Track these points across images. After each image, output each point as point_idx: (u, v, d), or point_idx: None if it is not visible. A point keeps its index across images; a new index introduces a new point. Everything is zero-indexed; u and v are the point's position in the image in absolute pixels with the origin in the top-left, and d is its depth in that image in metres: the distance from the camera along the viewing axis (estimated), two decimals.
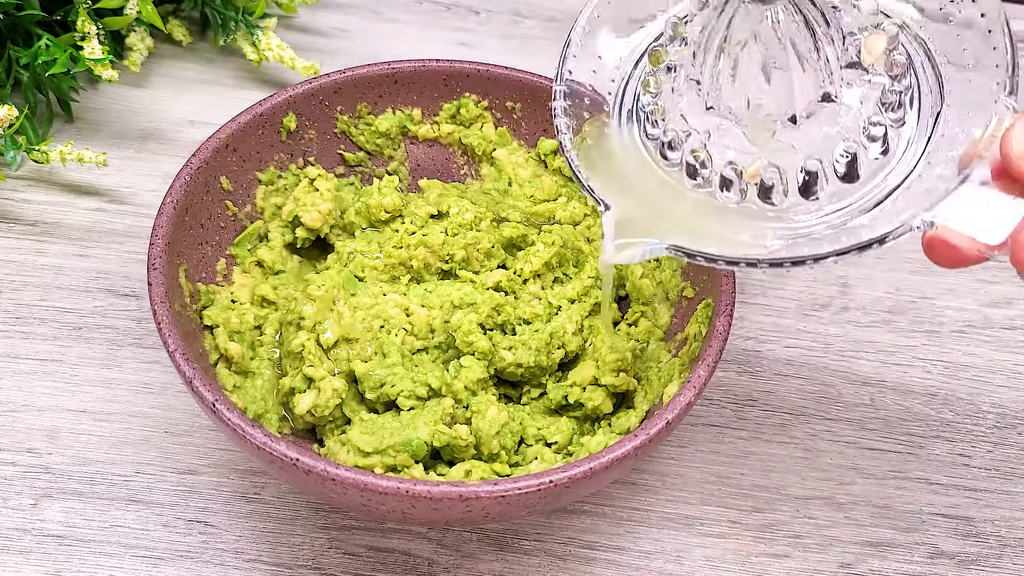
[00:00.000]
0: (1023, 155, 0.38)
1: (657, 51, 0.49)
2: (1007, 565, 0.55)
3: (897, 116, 0.45)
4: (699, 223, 0.47)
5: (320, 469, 0.44)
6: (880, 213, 0.43)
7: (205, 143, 0.55)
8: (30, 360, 0.59)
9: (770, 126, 0.46)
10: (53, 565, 0.52)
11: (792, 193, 0.45)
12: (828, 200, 0.45)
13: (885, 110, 0.45)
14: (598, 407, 0.53)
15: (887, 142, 0.44)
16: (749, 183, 0.46)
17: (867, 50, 0.45)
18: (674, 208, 0.48)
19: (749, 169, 0.46)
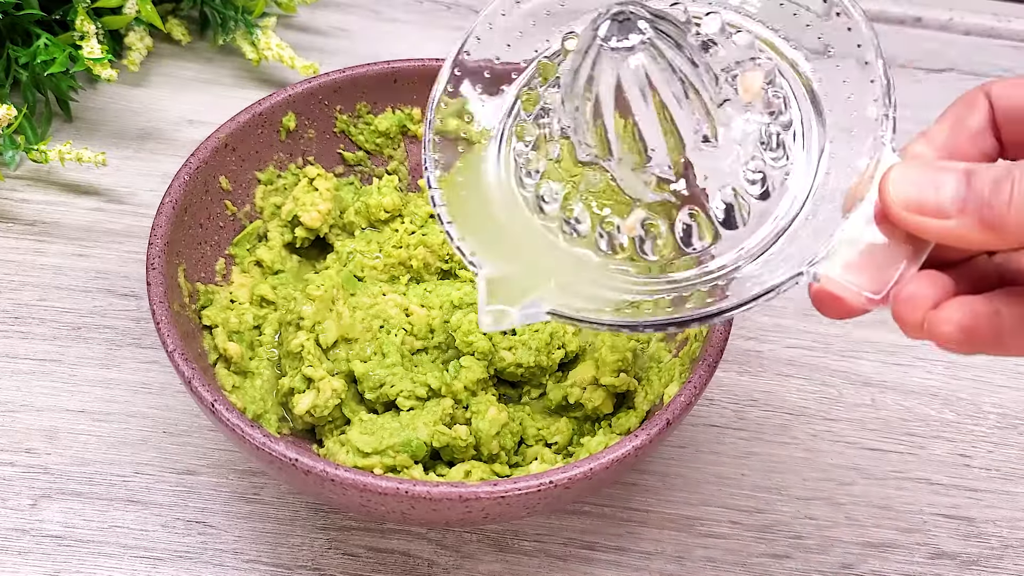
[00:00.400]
0: (902, 203, 0.37)
1: (531, 93, 0.46)
2: (1008, 566, 0.54)
3: (778, 155, 0.42)
4: (578, 282, 0.44)
5: (319, 469, 0.44)
6: (767, 260, 0.41)
7: (204, 143, 0.55)
8: (29, 360, 0.59)
9: (647, 176, 0.43)
10: (52, 566, 0.52)
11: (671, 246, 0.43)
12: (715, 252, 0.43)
13: (765, 149, 0.42)
14: (598, 407, 0.53)
15: (767, 184, 0.42)
16: (627, 236, 0.43)
17: (744, 87, 0.42)
18: (552, 266, 0.44)
19: (626, 223, 0.43)
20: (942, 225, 0.36)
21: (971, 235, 0.36)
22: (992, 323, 0.36)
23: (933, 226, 0.36)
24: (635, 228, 0.43)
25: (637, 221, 0.43)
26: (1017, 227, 0.34)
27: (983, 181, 0.35)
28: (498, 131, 0.47)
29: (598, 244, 0.44)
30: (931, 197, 0.36)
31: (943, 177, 0.36)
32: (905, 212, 0.37)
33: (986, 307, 0.36)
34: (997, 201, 0.35)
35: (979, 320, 0.36)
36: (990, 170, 0.35)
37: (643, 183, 0.43)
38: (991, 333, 0.36)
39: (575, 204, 0.44)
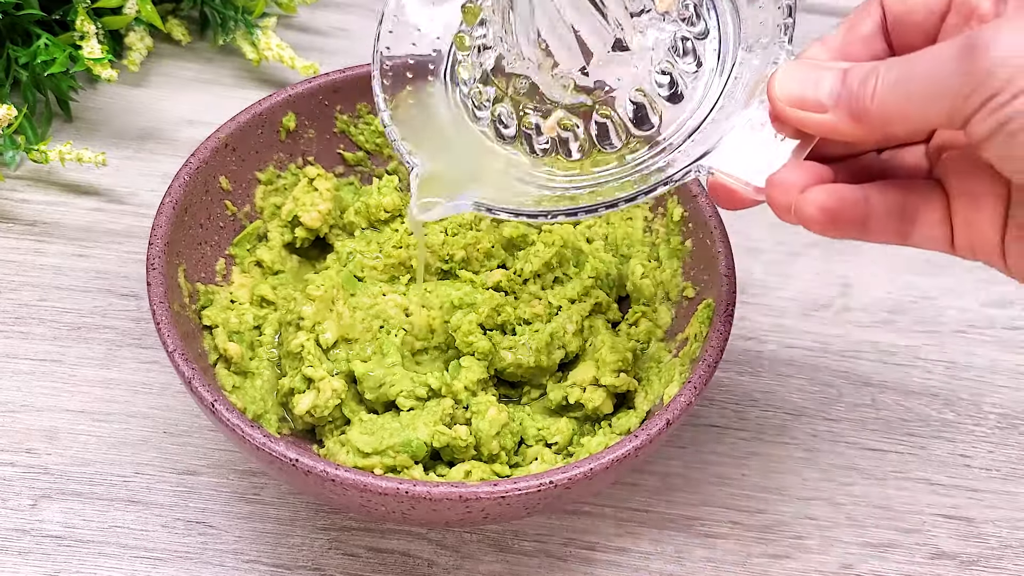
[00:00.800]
0: (786, 98, 0.40)
1: (469, 7, 0.49)
2: (1008, 566, 0.54)
3: (688, 61, 0.45)
4: (506, 180, 0.47)
5: (319, 470, 0.44)
6: (674, 157, 0.44)
7: (204, 143, 0.55)
8: (29, 360, 0.59)
9: (564, 80, 0.46)
10: (52, 566, 0.52)
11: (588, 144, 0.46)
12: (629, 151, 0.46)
13: (679, 55, 0.45)
14: (598, 408, 0.53)
15: (676, 87, 0.45)
16: (548, 136, 0.47)
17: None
18: (485, 167, 0.48)
19: (547, 123, 0.47)
20: (820, 119, 0.39)
21: (844, 127, 0.39)
22: (858, 207, 0.40)
23: (812, 120, 0.40)
24: (554, 128, 0.47)
25: (555, 121, 0.46)
26: (879, 118, 0.38)
27: (854, 77, 0.38)
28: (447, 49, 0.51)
29: (526, 146, 0.47)
30: (811, 93, 0.39)
31: (823, 74, 0.39)
32: (788, 107, 0.40)
33: (854, 193, 0.40)
34: (863, 94, 0.38)
35: (844, 204, 0.39)
36: (862, 67, 0.38)
37: (561, 87, 0.46)
38: (856, 217, 0.40)
39: (502, 107, 0.47)
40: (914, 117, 0.37)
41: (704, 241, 0.54)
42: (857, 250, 0.67)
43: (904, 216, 0.41)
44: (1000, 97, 0.34)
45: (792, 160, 0.41)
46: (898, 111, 0.37)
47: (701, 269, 0.54)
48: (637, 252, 0.58)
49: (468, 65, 0.49)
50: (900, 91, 0.37)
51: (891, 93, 0.37)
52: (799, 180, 0.40)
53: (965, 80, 0.35)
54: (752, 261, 0.66)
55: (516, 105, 0.47)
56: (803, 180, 0.40)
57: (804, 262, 0.66)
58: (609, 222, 0.60)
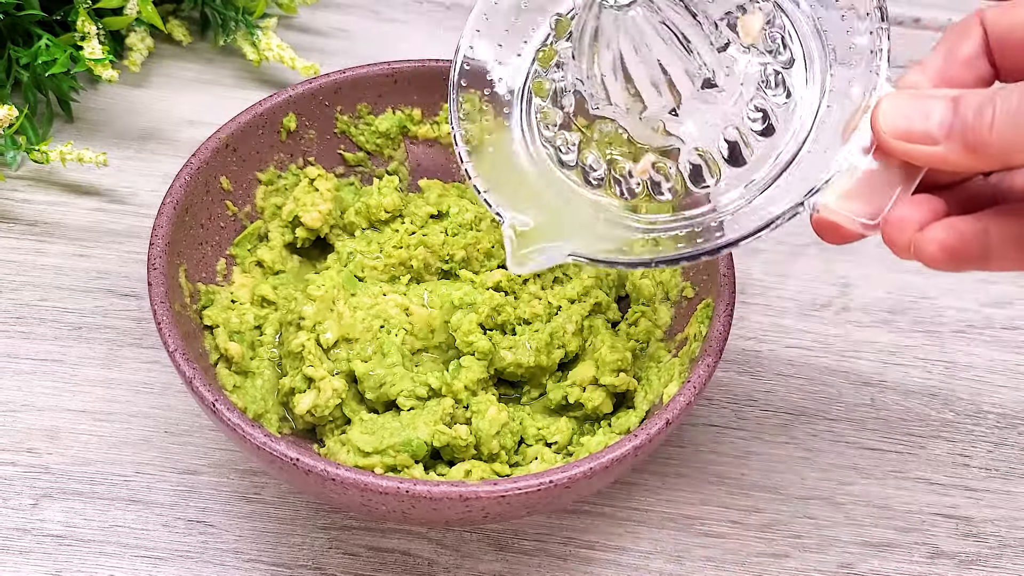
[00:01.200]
0: (892, 131, 0.39)
1: (546, 50, 0.49)
2: (1007, 565, 0.55)
3: (779, 92, 0.44)
4: (597, 226, 0.47)
5: (320, 469, 0.44)
6: (772, 194, 0.44)
7: (205, 143, 0.55)
8: (30, 360, 0.59)
9: (653, 123, 0.45)
10: (53, 565, 0.52)
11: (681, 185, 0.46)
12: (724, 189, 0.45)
13: (766, 87, 0.44)
14: (598, 407, 0.53)
15: (768, 120, 0.44)
16: (640, 179, 0.46)
17: (744, 31, 0.45)
18: (572, 212, 0.48)
19: (638, 167, 0.46)
20: (930, 151, 0.38)
21: (957, 159, 0.37)
22: (979, 241, 0.38)
23: (922, 152, 0.38)
24: (647, 171, 0.46)
25: (648, 164, 0.46)
26: (998, 149, 0.36)
27: (968, 106, 0.37)
28: (519, 92, 0.50)
29: (615, 190, 0.47)
30: (919, 125, 0.38)
31: (931, 104, 0.38)
32: (895, 140, 0.39)
33: (973, 226, 0.38)
34: (979, 125, 0.36)
35: (965, 239, 0.38)
36: (975, 95, 0.37)
37: (650, 129, 0.46)
38: (977, 251, 0.38)
39: (589, 153, 0.47)
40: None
41: None
42: (857, 250, 0.67)
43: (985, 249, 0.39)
44: None
45: (903, 194, 0.39)
46: (1019, 142, 0.35)
47: (701, 269, 0.54)
48: None
49: (548, 110, 0.48)
50: (1020, 122, 0.35)
51: (1010, 124, 0.35)
52: (915, 217, 0.38)
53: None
54: (752, 261, 0.66)
55: (602, 149, 0.47)
56: (919, 216, 0.38)
57: (803, 262, 0.66)
58: None
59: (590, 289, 0.56)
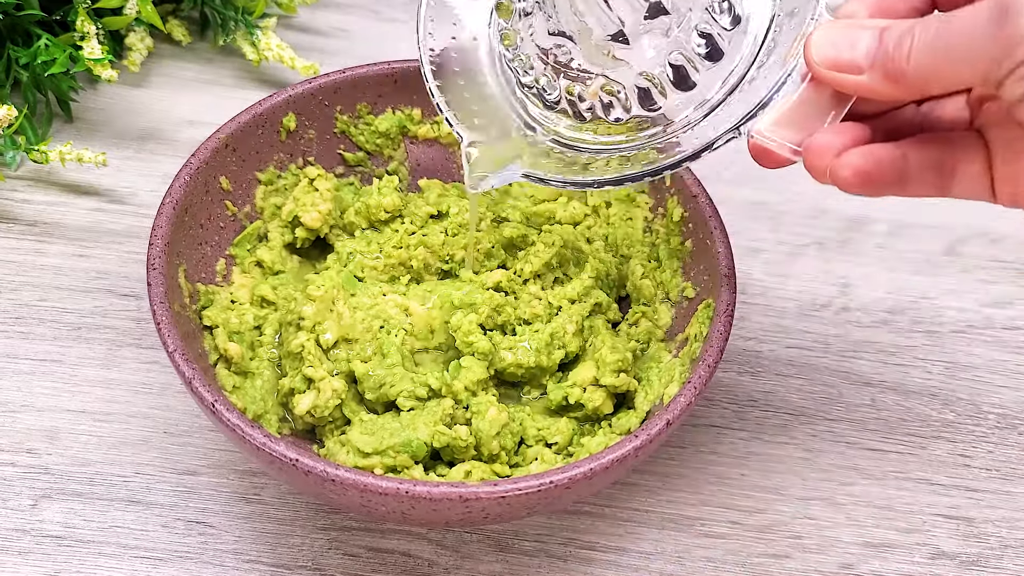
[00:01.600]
0: (822, 60, 0.40)
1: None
2: (1008, 566, 0.54)
3: (726, 19, 0.45)
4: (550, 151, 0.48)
5: (320, 470, 0.44)
6: (718, 116, 0.45)
7: (204, 143, 0.55)
8: (29, 360, 0.59)
9: (604, 46, 0.47)
10: (52, 566, 0.52)
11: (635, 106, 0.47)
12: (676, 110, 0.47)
13: (717, 13, 0.45)
14: (598, 408, 0.53)
15: (714, 44, 0.45)
16: (591, 101, 0.47)
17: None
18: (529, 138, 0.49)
19: (588, 89, 0.47)
20: (856, 80, 0.39)
21: (880, 88, 0.39)
22: (895, 166, 0.40)
23: (849, 81, 0.40)
24: (597, 93, 0.47)
25: (597, 87, 0.47)
26: (915, 78, 0.38)
27: (890, 37, 0.38)
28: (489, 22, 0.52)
29: (570, 110, 0.48)
30: (846, 54, 0.40)
31: (859, 34, 0.39)
32: (824, 69, 0.40)
33: (891, 152, 0.40)
34: (899, 55, 0.38)
35: (880, 165, 0.40)
36: (899, 26, 0.38)
37: (601, 54, 0.47)
38: (894, 175, 0.40)
39: (544, 74, 0.48)
40: (949, 78, 0.37)
41: (704, 241, 0.54)
42: (857, 250, 0.67)
43: (943, 170, 0.41)
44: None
45: (832, 122, 0.41)
46: (933, 72, 0.37)
47: (701, 269, 0.54)
48: (637, 252, 0.58)
49: (511, 32, 0.49)
50: (935, 52, 0.37)
51: (926, 54, 0.37)
52: (836, 143, 0.40)
53: (997, 44, 0.35)
54: (752, 261, 0.66)
55: (557, 71, 0.48)
56: (839, 143, 0.40)
57: (804, 262, 0.66)
58: (609, 222, 0.60)
59: (590, 289, 0.56)
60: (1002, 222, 0.68)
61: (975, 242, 0.67)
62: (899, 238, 0.67)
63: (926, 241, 0.67)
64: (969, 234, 0.68)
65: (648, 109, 0.47)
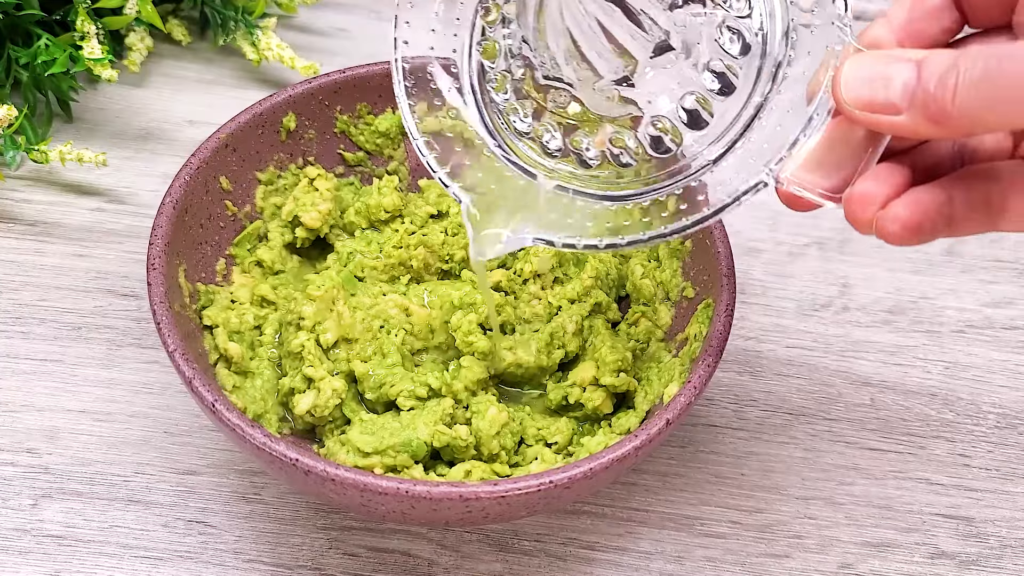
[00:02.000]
0: (855, 101, 0.37)
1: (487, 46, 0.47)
2: (1008, 565, 0.54)
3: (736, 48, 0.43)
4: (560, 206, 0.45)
5: (320, 469, 0.44)
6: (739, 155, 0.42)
7: (204, 143, 0.55)
8: (29, 360, 0.59)
9: (608, 90, 0.44)
10: (52, 566, 0.52)
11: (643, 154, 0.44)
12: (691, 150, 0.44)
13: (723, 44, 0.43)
14: (598, 407, 0.53)
15: (726, 78, 0.43)
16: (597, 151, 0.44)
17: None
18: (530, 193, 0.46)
19: (595, 140, 0.44)
20: (893, 121, 0.36)
21: (922, 130, 0.36)
22: (942, 212, 0.38)
23: (885, 122, 0.37)
24: (604, 143, 0.44)
25: (605, 138, 0.44)
26: (961, 120, 0.35)
27: (931, 74, 0.35)
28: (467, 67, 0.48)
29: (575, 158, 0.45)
30: (881, 95, 0.36)
31: (893, 70, 0.36)
32: (857, 111, 0.37)
33: (937, 197, 0.37)
34: (942, 95, 0.35)
35: (928, 213, 0.37)
36: (939, 61, 0.35)
37: (606, 99, 0.44)
38: (941, 222, 0.38)
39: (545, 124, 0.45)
40: (998, 121, 0.34)
41: (704, 241, 0.54)
42: (857, 250, 0.67)
43: (991, 208, 0.38)
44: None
45: (867, 164, 0.39)
46: (981, 114, 0.34)
47: (701, 269, 0.54)
48: (637, 252, 0.58)
49: (499, 77, 0.47)
50: (983, 93, 0.34)
51: (973, 96, 0.34)
52: (878, 193, 0.38)
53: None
54: (752, 261, 0.66)
55: (559, 120, 0.45)
56: (883, 193, 0.38)
57: (803, 262, 0.66)
58: None
59: (590, 289, 0.56)
60: None
61: (975, 242, 0.67)
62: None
63: None
64: None
65: (661, 153, 0.44)
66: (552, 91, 0.45)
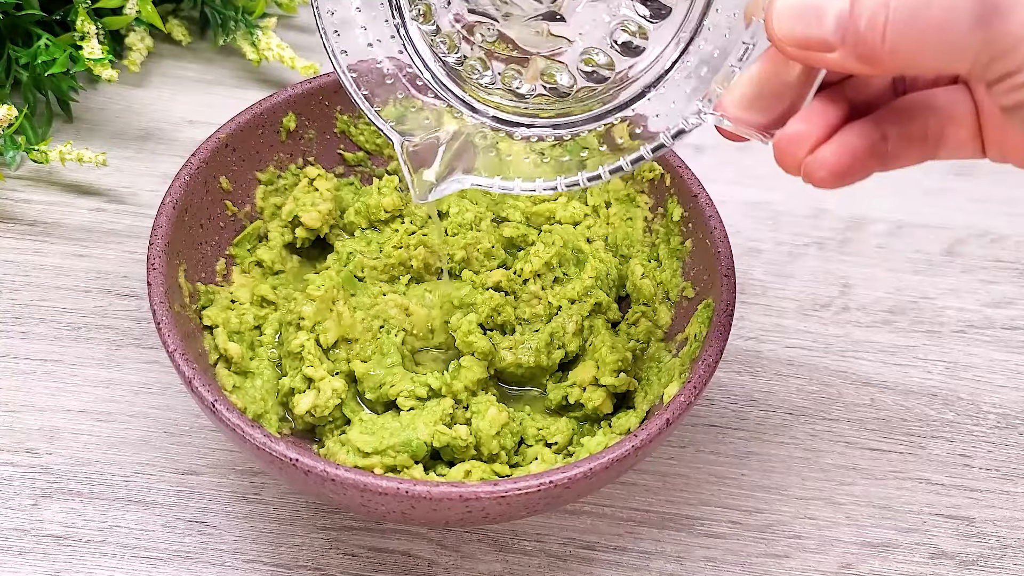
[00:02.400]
0: (787, 38, 0.36)
1: None
2: (1008, 565, 0.54)
3: None
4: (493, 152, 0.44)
5: (320, 469, 0.44)
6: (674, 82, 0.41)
7: (204, 143, 0.55)
8: (29, 360, 0.59)
9: (536, 25, 0.43)
10: (52, 566, 0.52)
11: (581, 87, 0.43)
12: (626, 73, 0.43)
13: None
14: (598, 407, 0.53)
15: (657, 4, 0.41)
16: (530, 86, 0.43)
17: None
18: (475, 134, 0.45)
19: (527, 74, 0.43)
20: (826, 58, 0.36)
21: (854, 68, 0.35)
22: (876, 151, 0.37)
23: (819, 59, 0.36)
24: (536, 77, 0.43)
25: (536, 72, 0.43)
26: (891, 63, 0.34)
27: (860, 11, 0.34)
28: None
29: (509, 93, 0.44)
30: (815, 31, 0.35)
31: (826, 5, 0.35)
32: (790, 47, 0.36)
33: (870, 135, 0.37)
34: (872, 35, 0.34)
35: (857, 155, 0.36)
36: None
37: (535, 33, 0.43)
38: (874, 161, 0.37)
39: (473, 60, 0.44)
40: (928, 65, 0.34)
41: (704, 241, 0.54)
42: (857, 250, 0.67)
43: (927, 140, 0.38)
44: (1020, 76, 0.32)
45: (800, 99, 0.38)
46: (910, 58, 0.34)
47: (701, 269, 0.54)
48: (637, 252, 0.58)
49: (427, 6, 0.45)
50: (911, 37, 0.33)
51: (903, 37, 0.33)
52: (808, 135, 0.37)
53: (984, 46, 0.32)
54: (752, 261, 0.66)
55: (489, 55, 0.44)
56: (813, 134, 0.37)
57: (804, 262, 0.66)
58: (609, 222, 0.60)
59: (590, 289, 0.56)
60: (1002, 222, 0.68)
61: (975, 242, 0.67)
62: (899, 238, 0.67)
63: (926, 241, 0.67)
64: (969, 234, 0.68)
65: (594, 82, 0.43)
66: (479, 26, 0.43)
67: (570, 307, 0.56)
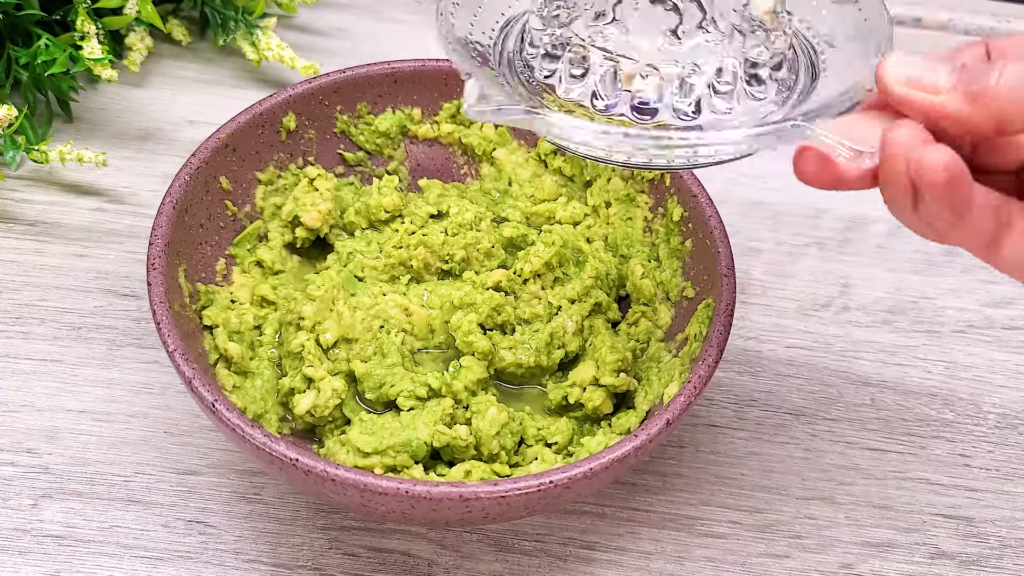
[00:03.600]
0: (896, 77, 0.39)
1: None
2: (1008, 565, 0.54)
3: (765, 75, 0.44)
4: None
5: (320, 469, 0.44)
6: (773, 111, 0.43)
7: (204, 143, 0.55)
8: (29, 360, 0.59)
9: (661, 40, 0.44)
10: (52, 566, 0.52)
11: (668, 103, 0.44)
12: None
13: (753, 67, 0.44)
14: (598, 407, 0.53)
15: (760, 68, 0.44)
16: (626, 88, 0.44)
17: (755, 4, 0.44)
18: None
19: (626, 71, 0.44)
20: (931, 100, 0.38)
21: (957, 108, 0.37)
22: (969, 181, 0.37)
23: (925, 101, 0.38)
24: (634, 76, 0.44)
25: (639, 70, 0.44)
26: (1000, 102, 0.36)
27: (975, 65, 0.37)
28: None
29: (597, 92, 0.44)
30: (928, 77, 0.38)
31: (940, 65, 0.38)
32: (898, 85, 0.38)
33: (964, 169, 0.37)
34: (985, 78, 0.37)
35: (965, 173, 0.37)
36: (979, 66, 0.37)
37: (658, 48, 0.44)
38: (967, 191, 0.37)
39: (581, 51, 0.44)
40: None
41: (704, 241, 0.54)
42: (857, 250, 0.67)
43: (1000, 218, 0.38)
44: None
45: None
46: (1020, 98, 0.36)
47: (701, 269, 0.54)
48: (637, 252, 0.58)
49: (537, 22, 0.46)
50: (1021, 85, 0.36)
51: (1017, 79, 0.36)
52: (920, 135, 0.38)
53: None
54: (752, 261, 0.66)
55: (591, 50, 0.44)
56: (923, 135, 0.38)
57: (803, 262, 0.66)
58: (609, 222, 0.60)
59: (590, 289, 0.56)
60: None
61: None
62: (899, 238, 0.67)
63: (926, 241, 0.67)
64: None
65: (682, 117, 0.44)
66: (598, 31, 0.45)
67: (570, 307, 0.56)
